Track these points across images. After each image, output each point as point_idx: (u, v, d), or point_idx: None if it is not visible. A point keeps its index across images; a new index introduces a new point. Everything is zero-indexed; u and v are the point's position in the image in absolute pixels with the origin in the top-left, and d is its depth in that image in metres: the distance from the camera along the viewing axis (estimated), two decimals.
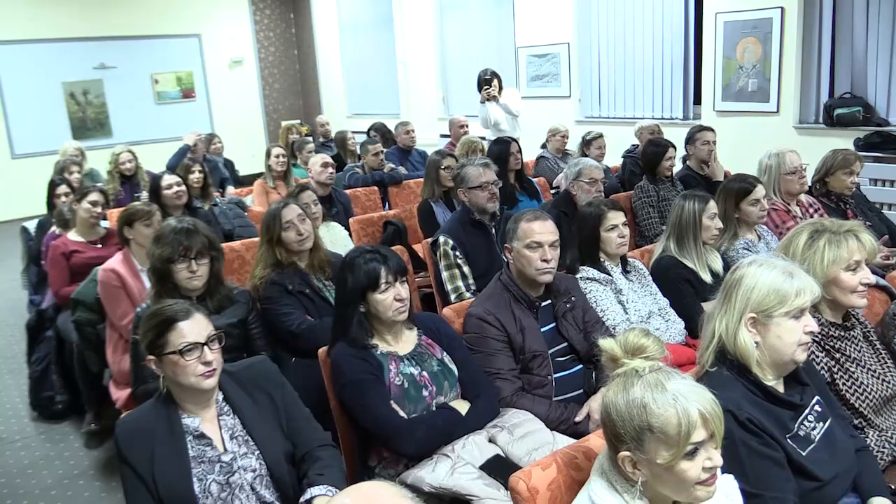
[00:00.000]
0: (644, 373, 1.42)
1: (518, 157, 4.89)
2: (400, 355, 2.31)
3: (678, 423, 1.34)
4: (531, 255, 2.54)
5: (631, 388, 1.41)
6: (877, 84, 5.90)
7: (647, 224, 4.38)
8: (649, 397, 1.38)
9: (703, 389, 1.40)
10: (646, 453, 1.38)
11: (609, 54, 7.70)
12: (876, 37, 5.81)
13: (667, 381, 1.40)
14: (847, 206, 4.06)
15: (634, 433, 1.39)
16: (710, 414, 1.36)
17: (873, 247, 2.23)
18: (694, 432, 1.35)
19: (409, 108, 10.14)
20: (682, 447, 1.35)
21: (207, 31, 11.17)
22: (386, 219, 4.52)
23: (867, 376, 2.16)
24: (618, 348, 1.49)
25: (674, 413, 1.35)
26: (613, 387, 1.45)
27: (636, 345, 1.48)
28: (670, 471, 1.37)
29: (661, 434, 1.36)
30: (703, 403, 1.36)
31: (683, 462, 1.36)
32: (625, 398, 1.41)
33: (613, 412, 1.42)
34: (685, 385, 1.39)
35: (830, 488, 1.78)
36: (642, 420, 1.38)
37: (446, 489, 2.04)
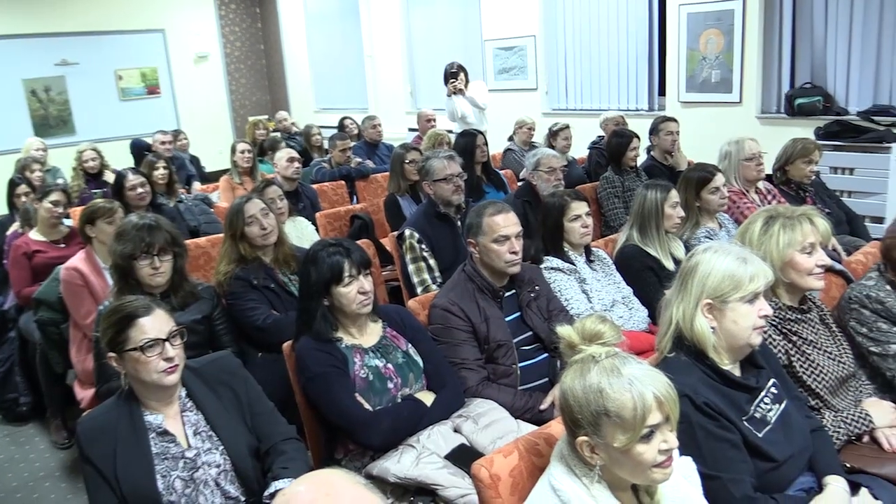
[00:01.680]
0: (600, 358, 1.44)
1: (484, 149, 4.91)
2: (364, 348, 2.32)
3: (633, 407, 1.37)
4: (499, 249, 2.56)
5: (587, 373, 1.43)
6: (836, 74, 5.99)
7: (613, 214, 4.43)
8: (605, 382, 1.40)
9: (658, 373, 1.42)
10: (603, 437, 1.41)
11: (575, 47, 7.73)
12: (835, 28, 5.90)
13: (622, 365, 1.42)
14: (806, 193, 4.14)
15: (591, 418, 1.41)
16: (664, 397, 1.38)
17: (827, 230, 2.27)
18: (649, 416, 1.37)
19: (377, 103, 10.10)
20: (637, 430, 1.37)
21: (172, 26, 11.01)
22: (353, 213, 4.51)
23: (823, 358, 2.21)
24: (575, 335, 1.51)
25: (629, 397, 1.37)
26: (570, 373, 1.47)
27: (593, 331, 1.50)
28: (627, 454, 1.39)
29: (618, 418, 1.38)
30: (657, 387, 1.39)
31: (640, 445, 1.38)
32: (581, 384, 1.43)
33: (571, 398, 1.44)
34: (640, 369, 1.42)
35: (786, 468, 1.82)
36: (599, 405, 1.39)
37: (411, 479, 2.05)
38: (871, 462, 2.06)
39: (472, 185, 4.52)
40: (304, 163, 6.04)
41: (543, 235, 3.03)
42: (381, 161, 6.46)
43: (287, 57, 11.72)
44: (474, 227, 2.62)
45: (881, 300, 2.40)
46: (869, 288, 2.45)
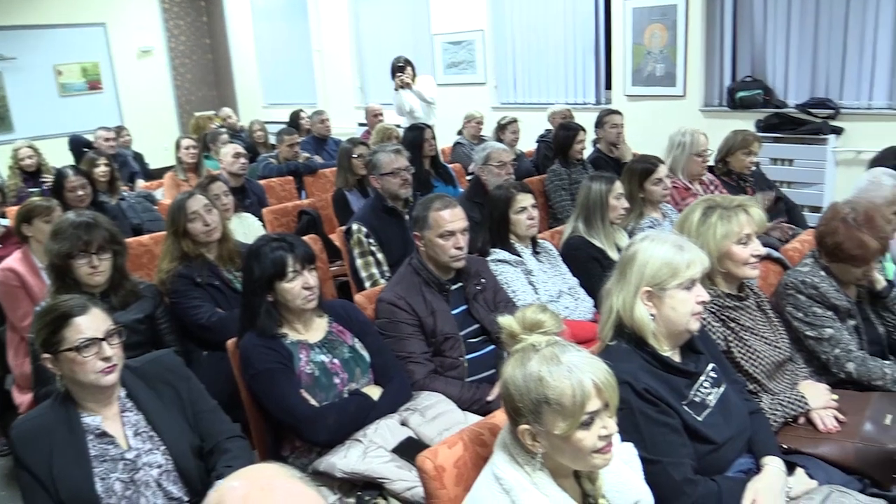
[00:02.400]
0: (540, 347, 1.45)
1: (433, 143, 4.91)
2: (310, 343, 2.30)
3: (573, 394, 1.38)
4: (445, 244, 2.56)
5: (528, 362, 1.44)
6: (775, 68, 6.16)
7: (560, 206, 4.47)
8: (545, 370, 1.41)
9: (596, 360, 1.44)
10: (544, 425, 1.42)
11: (523, 41, 7.79)
12: (774, 23, 6.07)
13: (562, 353, 1.43)
14: (747, 184, 4.25)
15: (532, 406, 1.42)
16: (603, 384, 1.40)
17: (762, 220, 2.34)
18: (588, 402, 1.39)
19: (326, 97, 10.02)
20: (577, 417, 1.38)
21: (113, 20, 10.73)
22: (300, 208, 4.47)
23: (760, 344, 2.27)
24: (516, 325, 1.52)
25: (568, 385, 1.38)
26: (511, 362, 1.47)
27: (534, 321, 1.51)
28: (567, 441, 1.41)
29: (557, 405, 1.39)
30: (596, 374, 1.40)
31: (579, 432, 1.40)
32: (522, 373, 1.44)
33: (511, 387, 1.45)
34: (579, 357, 1.43)
35: (725, 450, 1.86)
36: (539, 393, 1.41)
37: (358, 473, 2.04)
38: (806, 442, 2.12)
39: (420, 180, 4.50)
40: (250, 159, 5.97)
41: (490, 228, 3.05)
42: (330, 156, 6.41)
43: (234, 51, 11.54)
44: (420, 220, 2.62)
45: (815, 286, 2.47)
46: (804, 274, 2.52)
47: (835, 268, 2.52)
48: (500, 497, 1.42)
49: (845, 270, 2.51)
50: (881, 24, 5.49)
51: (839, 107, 5.74)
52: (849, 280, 2.54)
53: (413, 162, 4.00)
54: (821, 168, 5.70)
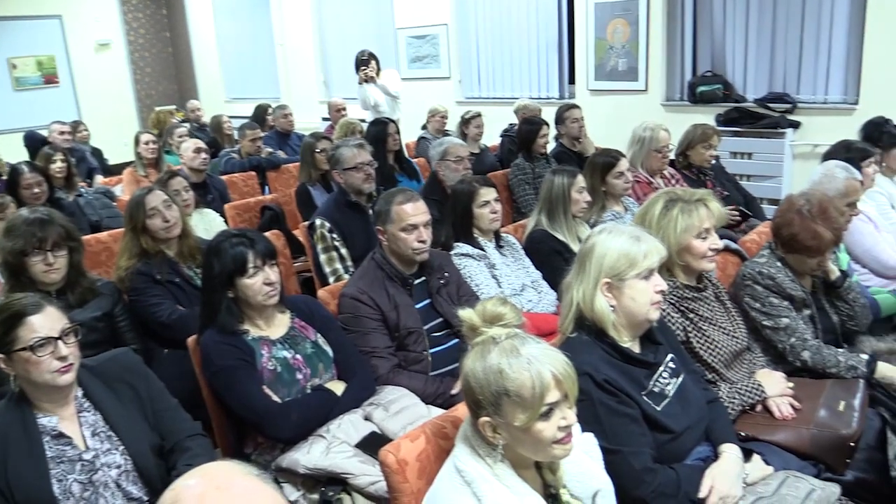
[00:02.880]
0: (500, 340, 1.45)
1: (396, 137, 4.90)
2: (272, 339, 2.28)
3: (532, 386, 1.39)
4: (407, 238, 2.56)
5: (488, 355, 1.44)
6: (734, 63, 6.25)
7: (524, 200, 4.50)
8: (504, 363, 1.41)
9: (556, 352, 1.45)
10: (504, 417, 1.42)
11: (487, 35, 7.80)
12: (733, 19, 6.15)
13: (521, 346, 1.44)
14: (706, 177, 4.31)
15: (492, 398, 1.42)
16: (562, 375, 1.41)
17: (721, 214, 2.38)
18: (548, 394, 1.39)
19: (289, 92, 9.92)
20: (536, 409, 1.39)
21: (69, 12, 10.49)
22: (263, 204, 4.43)
23: (719, 334, 2.31)
24: (476, 317, 1.52)
25: (528, 376, 1.39)
26: (472, 355, 1.48)
27: (494, 313, 1.51)
28: (528, 432, 1.41)
29: (517, 397, 1.40)
30: (555, 366, 1.41)
31: (539, 423, 1.41)
32: (482, 365, 1.44)
33: (472, 379, 1.45)
34: (538, 349, 1.44)
35: (684, 439, 1.89)
36: (499, 385, 1.41)
37: (322, 469, 2.04)
38: (763, 430, 2.17)
39: (384, 174, 4.50)
40: (213, 154, 5.90)
41: (453, 222, 3.05)
42: (293, 151, 6.36)
43: (195, 45, 11.37)
44: (383, 214, 2.61)
45: (772, 276, 2.52)
46: (761, 265, 2.57)
47: (790, 259, 2.57)
48: (462, 489, 1.42)
49: (801, 261, 2.56)
50: (836, 22, 5.61)
51: (796, 101, 5.85)
52: (804, 271, 2.59)
53: (377, 156, 3.99)
54: (779, 161, 5.81)
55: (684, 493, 1.78)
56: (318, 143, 4.44)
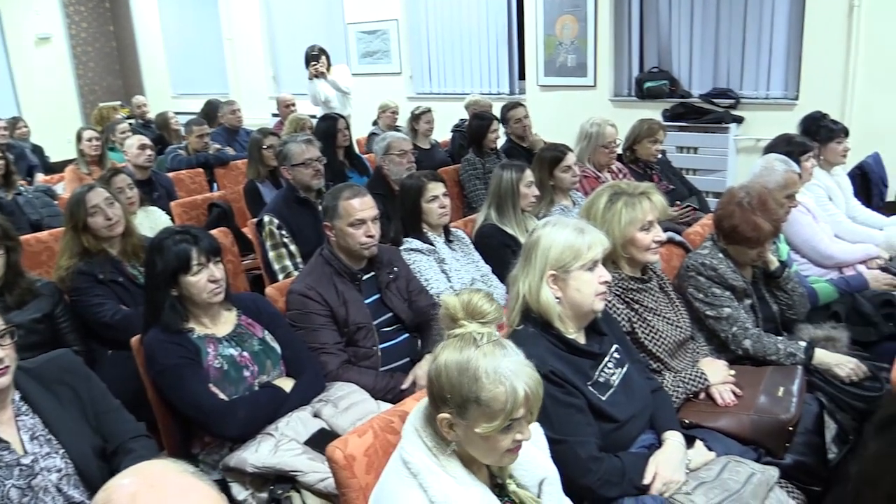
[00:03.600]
0: (481, 343, 1.42)
1: (346, 133, 4.88)
2: (218, 337, 2.25)
3: (504, 401, 1.37)
4: (355, 233, 2.55)
5: (467, 356, 1.41)
6: (680, 60, 6.39)
7: (475, 195, 4.52)
8: (482, 371, 1.39)
9: (530, 367, 1.43)
10: (466, 420, 1.41)
11: (438, 31, 7.80)
12: (678, 16, 6.28)
13: (502, 356, 1.41)
14: (653, 171, 4.39)
15: (460, 401, 1.40)
16: (533, 394, 1.40)
17: (664, 206, 2.42)
18: (516, 411, 1.38)
19: (238, 87, 9.78)
20: (502, 422, 1.38)
21: (7, 5, 10.13)
22: (210, 201, 4.36)
23: (663, 324, 2.35)
24: (459, 308, 1.49)
25: (503, 391, 1.37)
26: (449, 349, 1.45)
27: (476, 308, 1.49)
28: (485, 440, 1.41)
29: (487, 408, 1.38)
30: (529, 383, 1.39)
31: (500, 434, 1.40)
32: (457, 364, 1.41)
33: (444, 376, 1.42)
34: (516, 363, 1.41)
35: (628, 427, 1.93)
36: (471, 391, 1.39)
37: (270, 467, 2.02)
38: (706, 417, 2.22)
39: (334, 170, 4.47)
40: (159, 150, 5.78)
41: (402, 217, 3.05)
42: (242, 147, 6.25)
43: (140, 39, 11.10)
44: (330, 210, 2.60)
45: (714, 267, 2.58)
46: (704, 256, 2.63)
47: (732, 250, 2.64)
48: (408, 481, 1.42)
49: (741, 252, 2.63)
50: (777, 20, 5.78)
51: (739, 97, 6.01)
52: (745, 261, 2.66)
53: (326, 152, 3.97)
54: (723, 155, 5.95)
55: (629, 480, 1.81)
56: (266, 140, 4.39)
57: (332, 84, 6.14)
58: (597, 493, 1.78)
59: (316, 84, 6.12)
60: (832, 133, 3.98)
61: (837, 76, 5.43)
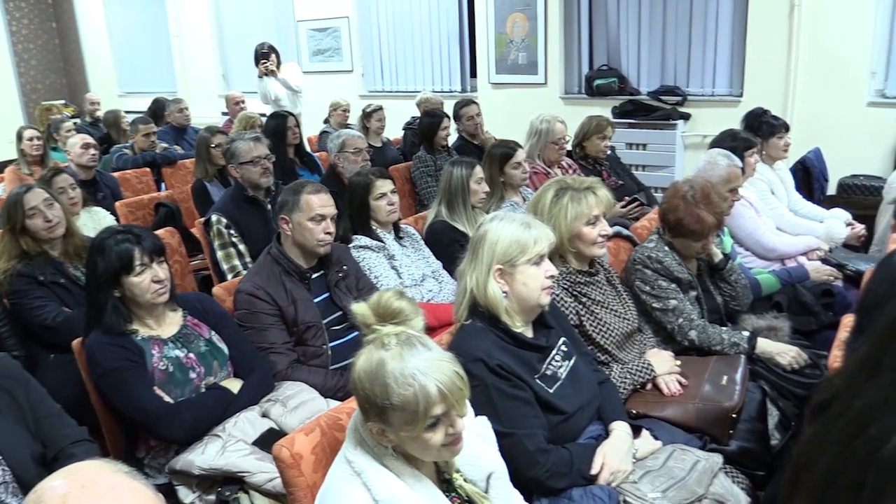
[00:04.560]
0: (390, 345, 1.40)
1: (296, 131, 4.83)
2: (163, 338, 2.21)
3: (416, 402, 1.35)
4: (315, 228, 2.54)
5: (375, 362, 1.39)
6: (628, 57, 6.47)
7: (426, 192, 4.52)
8: (390, 376, 1.36)
9: (445, 362, 1.40)
10: (390, 426, 1.40)
11: (389, 29, 7.77)
12: (626, 15, 6.37)
13: (411, 356, 1.38)
14: (602, 167, 4.44)
15: (378, 410, 1.39)
16: (448, 389, 1.37)
17: (609, 201, 2.46)
18: (432, 409, 1.36)
19: (186, 85, 9.60)
20: (422, 423, 1.36)
21: None
22: (157, 201, 4.27)
23: (610, 317, 2.38)
24: (370, 313, 1.47)
25: (412, 392, 1.35)
26: (361, 358, 1.43)
27: (389, 309, 1.47)
28: (415, 440, 1.40)
29: (402, 412, 1.36)
30: (442, 379, 1.37)
31: (426, 433, 1.38)
32: (368, 375, 1.39)
33: (359, 386, 1.41)
34: (427, 360, 1.39)
35: (576, 419, 1.95)
36: (384, 399, 1.37)
37: (217, 469, 1.99)
38: (653, 406, 2.26)
39: (284, 168, 4.43)
40: (105, 150, 5.66)
41: (351, 214, 3.03)
42: (190, 146, 6.14)
43: (84, 36, 10.82)
44: (290, 203, 2.58)
45: (660, 260, 2.63)
46: (650, 249, 2.67)
47: (677, 243, 2.69)
48: (352, 479, 1.41)
49: (686, 245, 2.68)
50: (721, 19, 5.90)
51: (686, 94, 6.12)
52: (689, 254, 2.71)
53: (276, 150, 3.92)
54: (671, 151, 6.05)
55: (577, 471, 1.83)
56: (214, 138, 4.32)
57: (283, 82, 6.08)
58: (545, 484, 1.80)
59: (266, 82, 6.05)
60: (774, 129, 4.08)
61: (779, 74, 5.57)
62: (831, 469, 1.30)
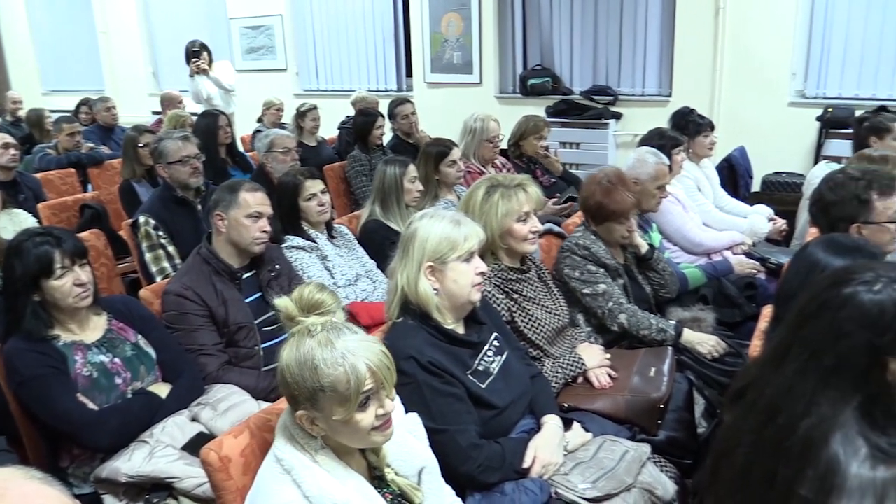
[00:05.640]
0: (315, 332, 1.42)
1: (228, 130, 4.75)
2: (87, 344, 2.14)
3: (347, 381, 1.36)
4: (251, 225, 2.51)
5: (302, 348, 1.41)
6: (561, 57, 6.58)
7: (361, 192, 4.49)
8: (319, 358, 1.38)
9: (372, 343, 1.43)
10: (321, 411, 1.40)
11: (324, 27, 7.71)
12: (559, 15, 6.47)
13: (336, 338, 1.41)
14: (536, 166, 4.50)
15: (308, 394, 1.39)
16: (377, 366, 1.39)
17: (540, 197, 2.49)
18: (363, 386, 1.37)
19: (115, 84, 9.32)
20: (353, 401, 1.37)
21: None
22: (82, 202, 4.14)
23: (542, 312, 2.42)
24: (292, 306, 1.48)
25: (342, 371, 1.36)
26: (287, 348, 1.44)
27: (311, 301, 1.48)
28: (346, 424, 1.40)
29: (333, 392, 1.37)
30: (370, 357, 1.39)
31: (357, 414, 1.39)
32: (296, 360, 1.40)
33: (287, 375, 1.41)
34: (354, 340, 1.41)
35: (508, 413, 1.97)
36: (314, 381, 1.38)
37: (144, 475, 1.94)
38: (584, 400, 2.30)
39: (216, 168, 4.35)
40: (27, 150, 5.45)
41: (281, 216, 2.99)
42: (118, 146, 5.98)
43: (4, 32, 10.40)
44: (226, 200, 2.53)
45: (587, 246, 2.71)
46: (577, 238, 2.76)
47: (601, 230, 2.78)
48: (282, 478, 1.40)
49: (610, 230, 2.77)
50: (650, 20, 6.06)
51: (618, 94, 6.26)
52: (615, 240, 2.81)
53: (207, 150, 3.85)
54: (603, 150, 6.17)
55: (509, 465, 1.86)
56: (142, 137, 4.21)
57: (215, 81, 5.97)
58: (478, 479, 1.81)
59: (198, 81, 5.94)
60: (700, 127, 4.21)
61: (706, 74, 5.74)
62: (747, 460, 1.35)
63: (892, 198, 2.37)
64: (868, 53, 5.28)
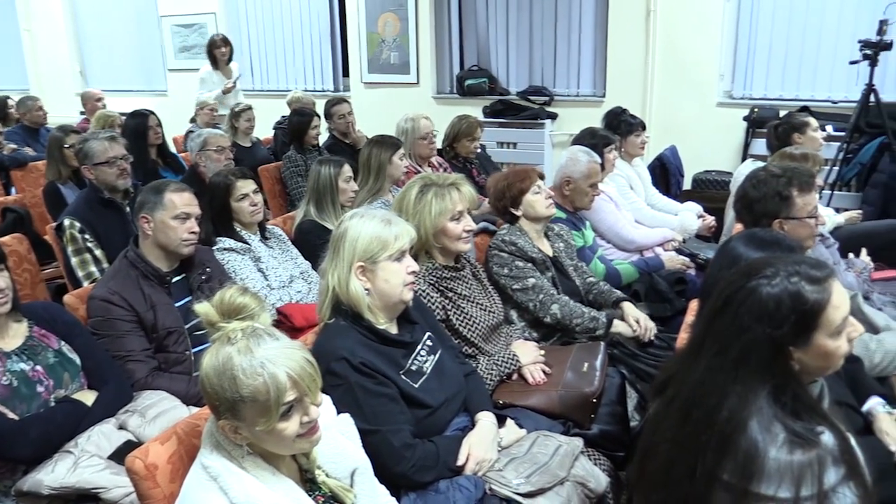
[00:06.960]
0: (235, 339, 1.38)
1: (158, 130, 4.64)
2: (6, 352, 2.05)
3: (267, 391, 1.33)
4: (179, 227, 2.46)
5: (222, 357, 1.37)
6: (498, 58, 6.65)
7: (297, 192, 4.44)
8: (238, 368, 1.34)
9: (294, 350, 1.39)
10: (243, 421, 1.37)
11: (258, 26, 7.60)
12: (495, 16, 6.54)
13: (256, 346, 1.36)
14: (472, 165, 4.53)
15: (229, 405, 1.36)
16: (299, 375, 1.36)
17: (473, 196, 2.51)
18: (284, 396, 1.34)
19: (39, 83, 8.99)
20: (275, 411, 1.34)
21: None
22: (4, 205, 3.98)
23: (476, 310, 2.44)
24: (213, 311, 1.44)
25: (262, 381, 1.33)
26: (207, 356, 1.39)
27: (233, 305, 1.44)
28: (270, 433, 1.37)
29: (254, 403, 1.34)
30: (291, 366, 1.35)
31: (280, 423, 1.36)
32: (215, 369, 1.36)
33: (207, 385, 1.38)
34: (275, 349, 1.37)
35: (442, 412, 1.97)
36: (234, 392, 1.34)
37: (69, 487, 1.88)
38: (518, 396, 2.32)
39: (146, 169, 4.24)
40: None
41: (212, 217, 2.93)
42: (44, 147, 5.76)
43: None
44: (151, 202, 2.47)
45: (514, 242, 2.76)
46: (503, 235, 2.81)
47: (524, 224, 2.83)
48: (209, 485, 1.37)
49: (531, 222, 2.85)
50: (584, 22, 6.18)
51: (553, 94, 6.36)
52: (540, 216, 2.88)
53: (137, 150, 3.76)
54: (540, 150, 6.25)
55: (443, 463, 1.86)
56: (67, 138, 4.07)
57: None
58: (412, 479, 1.81)
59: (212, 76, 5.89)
60: (631, 127, 4.30)
61: (638, 75, 5.88)
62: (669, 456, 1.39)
63: (812, 194, 2.47)
64: (791, 56, 5.49)
